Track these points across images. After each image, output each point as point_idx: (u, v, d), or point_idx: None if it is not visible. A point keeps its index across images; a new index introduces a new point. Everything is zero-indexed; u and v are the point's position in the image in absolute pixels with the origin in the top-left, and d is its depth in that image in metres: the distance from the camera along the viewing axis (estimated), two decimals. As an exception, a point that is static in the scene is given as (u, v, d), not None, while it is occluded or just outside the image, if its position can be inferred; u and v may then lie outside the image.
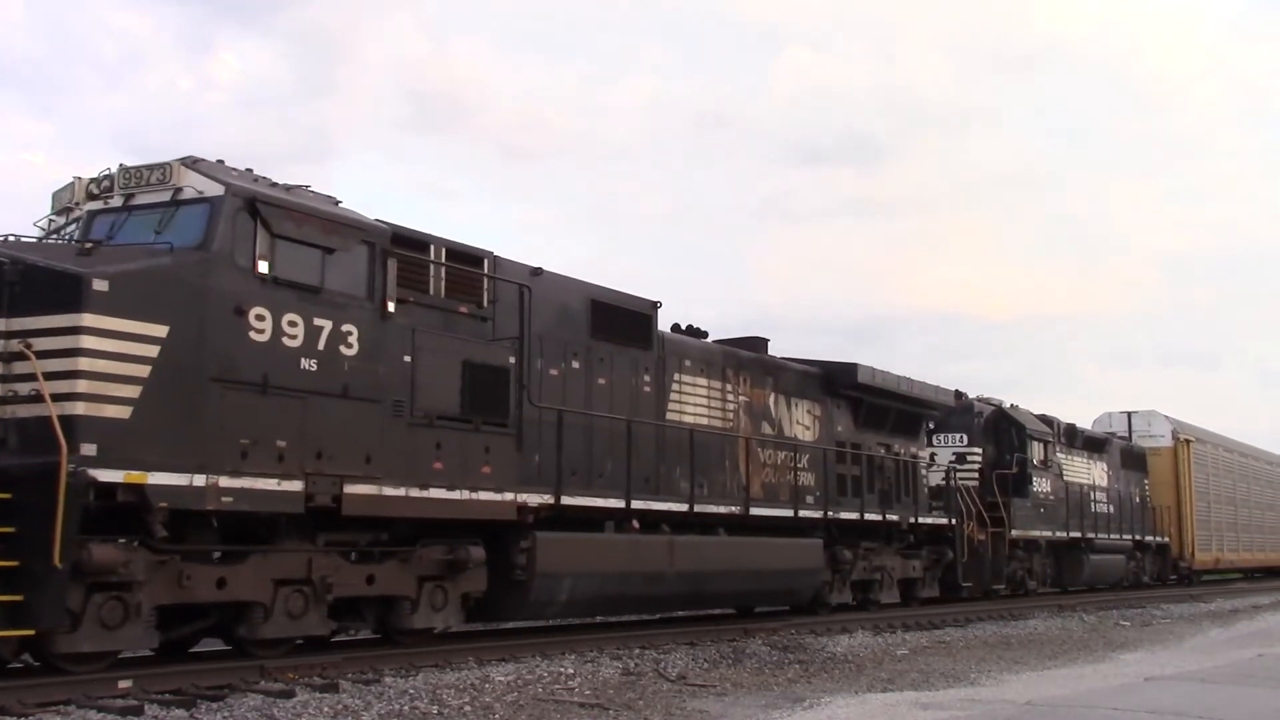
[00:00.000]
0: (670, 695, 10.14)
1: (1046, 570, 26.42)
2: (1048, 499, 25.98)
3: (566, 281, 14.33)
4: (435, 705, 9.07)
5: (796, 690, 10.72)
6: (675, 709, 9.42)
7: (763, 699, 10.05)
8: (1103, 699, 9.92)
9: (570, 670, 11.15)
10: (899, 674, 12.11)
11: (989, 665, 13.19)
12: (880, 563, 19.59)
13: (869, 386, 19.69)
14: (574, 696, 9.79)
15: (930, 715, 9.03)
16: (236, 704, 8.68)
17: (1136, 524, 31.32)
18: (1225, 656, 14.20)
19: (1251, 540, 40.57)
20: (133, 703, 8.45)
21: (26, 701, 8.17)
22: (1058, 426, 27.64)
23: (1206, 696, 10.14)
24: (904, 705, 9.56)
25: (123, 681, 8.99)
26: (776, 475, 17.39)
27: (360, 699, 9.10)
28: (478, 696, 9.54)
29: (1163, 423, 35.18)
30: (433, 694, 9.46)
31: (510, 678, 10.49)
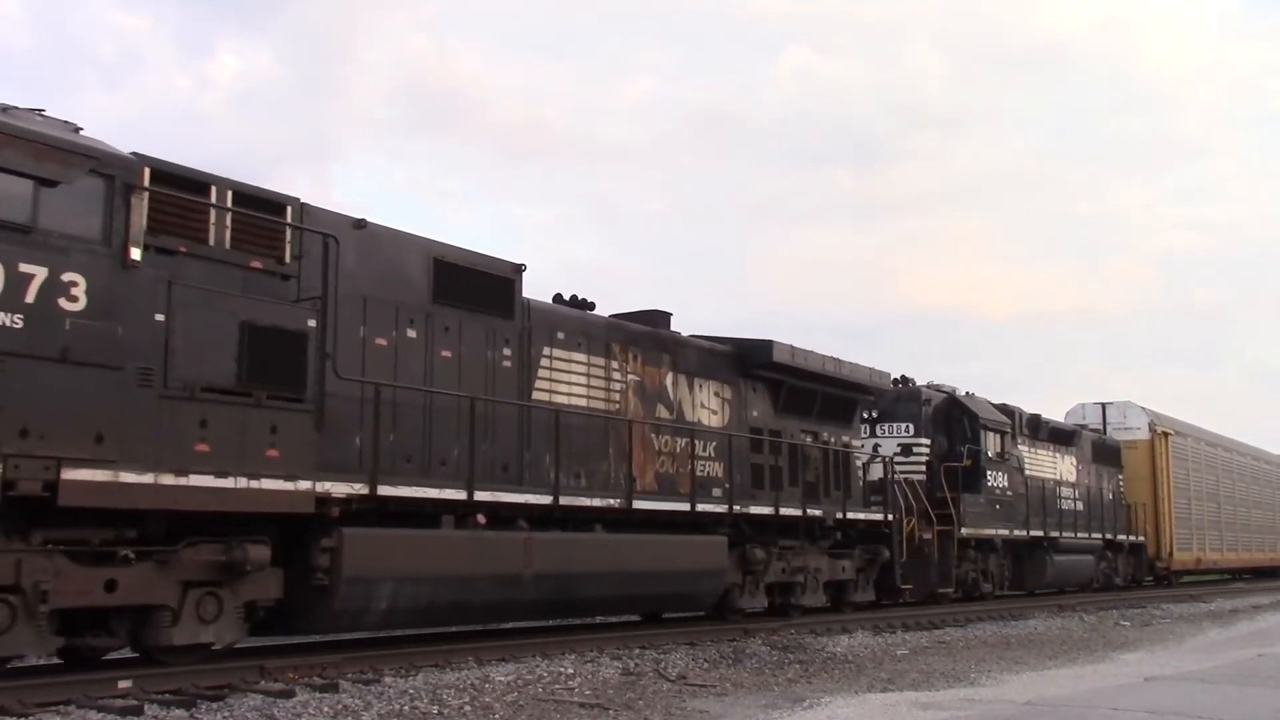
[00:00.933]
0: (670, 695, 10.14)
1: (1004, 572, 24.37)
2: (1005, 494, 23.99)
3: (402, 237, 12.43)
4: (435, 705, 9.08)
5: (796, 690, 10.72)
6: (675, 709, 9.42)
7: (763, 699, 10.05)
8: (1103, 699, 9.92)
9: (570, 670, 11.15)
10: (899, 674, 12.11)
11: (989, 665, 13.18)
12: (802, 563, 17.48)
13: (788, 367, 17.73)
14: (574, 696, 9.79)
15: (930, 715, 9.03)
16: (236, 704, 8.69)
17: (1108, 522, 29.47)
18: (1225, 656, 14.20)
19: (1237, 539, 38.75)
20: (133, 703, 8.45)
21: (26, 701, 8.17)
22: (1019, 417, 25.70)
23: (1207, 696, 10.14)
24: (904, 705, 9.56)
25: (123, 681, 8.99)
26: (675, 465, 15.59)
27: (360, 699, 9.11)
28: (478, 696, 9.54)
29: (1139, 414, 33.09)
30: (433, 694, 9.47)
31: (510, 678, 10.50)
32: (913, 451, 22.53)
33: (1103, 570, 29.00)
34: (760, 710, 9.39)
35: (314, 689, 9.42)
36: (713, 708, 9.53)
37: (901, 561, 19.64)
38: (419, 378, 12.26)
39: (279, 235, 10.90)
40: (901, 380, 23.31)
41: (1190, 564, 34.40)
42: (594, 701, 9.54)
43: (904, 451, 22.33)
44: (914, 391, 23.29)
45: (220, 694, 8.92)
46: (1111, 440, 31.79)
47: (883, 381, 20.78)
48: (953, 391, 24.03)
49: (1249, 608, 25.76)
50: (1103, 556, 28.97)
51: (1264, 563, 41.60)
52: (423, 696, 9.34)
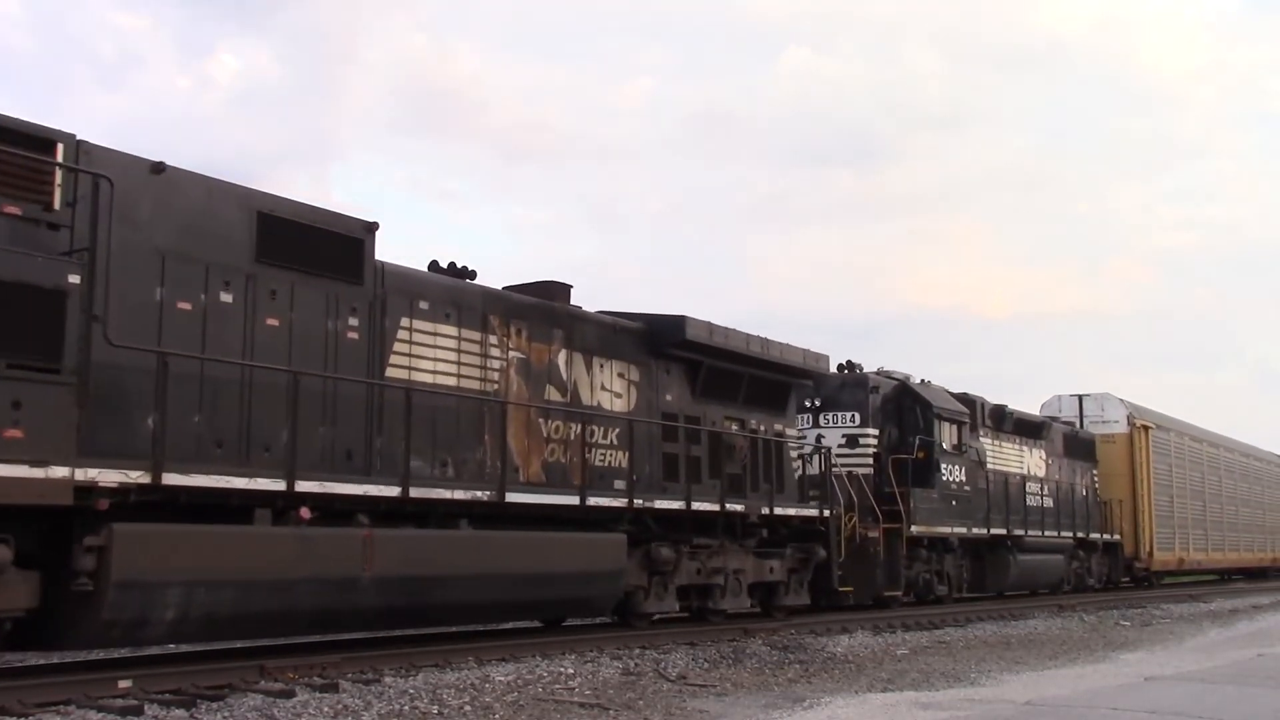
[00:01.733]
0: (670, 695, 10.14)
1: (963, 573, 22.77)
2: (962, 490, 22.24)
3: (216, 185, 10.61)
4: (435, 705, 9.08)
5: (796, 690, 10.72)
6: (675, 709, 9.42)
7: (763, 699, 10.05)
8: (1103, 699, 9.92)
9: (570, 670, 11.16)
10: (899, 674, 12.12)
11: (989, 665, 13.19)
12: (721, 564, 15.84)
13: (706, 346, 16.06)
14: (574, 696, 9.79)
15: (930, 715, 9.03)
16: (236, 704, 8.69)
17: (1080, 519, 27.73)
18: (1225, 656, 14.20)
19: (1224, 539, 37.02)
20: (133, 702, 8.45)
21: (26, 701, 8.17)
22: (981, 407, 24.12)
23: (1207, 696, 10.14)
24: (904, 705, 9.56)
25: (123, 681, 8.99)
26: (567, 454, 13.91)
27: (360, 699, 9.11)
28: (478, 696, 9.54)
29: (1117, 406, 31.36)
30: (433, 694, 9.47)
31: (510, 678, 10.50)
32: (859, 443, 20.77)
33: (1075, 571, 27.53)
34: (760, 710, 9.39)
35: (314, 689, 9.42)
36: (713, 708, 9.53)
37: (840, 561, 18.05)
38: (236, 349, 10.47)
39: (45, 177, 9.17)
40: (847, 366, 21.64)
41: (1172, 564, 32.92)
42: (594, 701, 9.54)
43: (849, 443, 20.68)
44: (860, 378, 21.48)
45: (220, 694, 8.92)
46: (1086, 433, 30.25)
47: (819, 365, 18.88)
48: (905, 379, 22.29)
49: (1249, 608, 25.76)
50: (1074, 556, 27.43)
51: (1254, 563, 40.19)
52: (423, 696, 9.34)
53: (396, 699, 9.19)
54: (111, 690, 8.78)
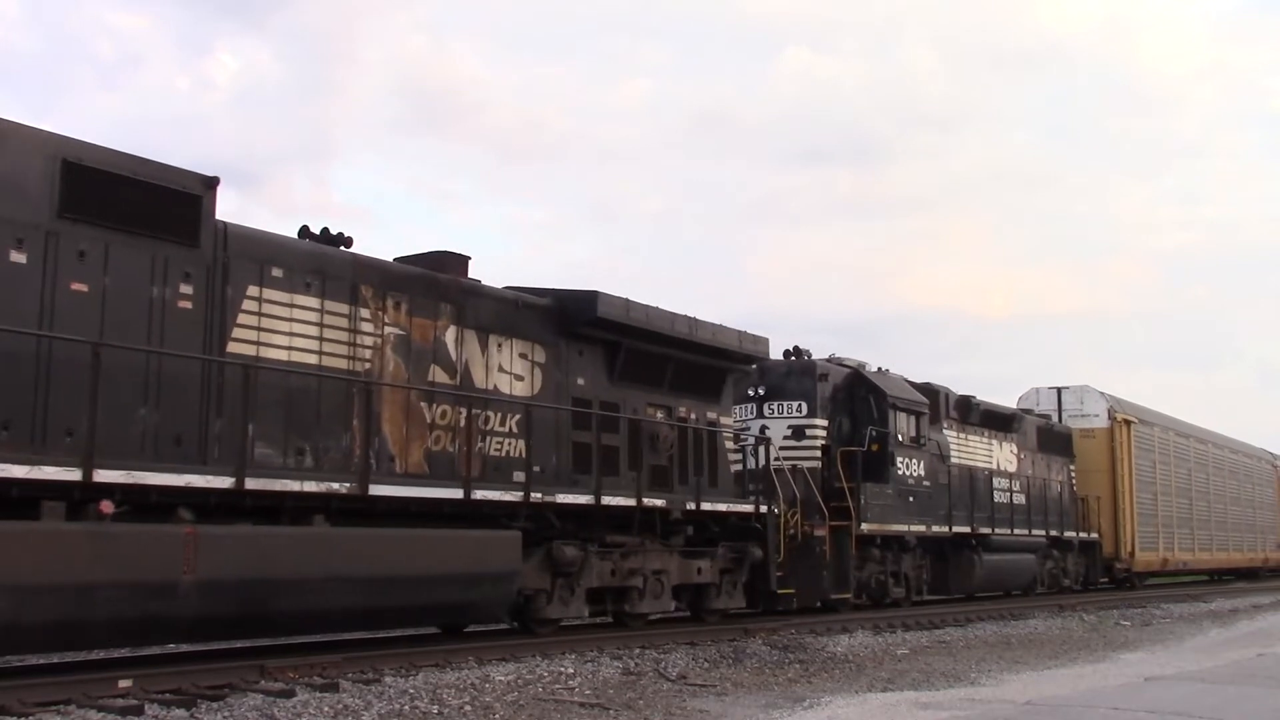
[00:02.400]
0: (670, 695, 10.15)
1: (923, 574, 21.31)
2: (920, 485, 20.81)
3: (6, 128, 9.28)
4: (435, 705, 9.08)
5: (796, 690, 10.73)
6: (675, 709, 9.42)
7: (763, 699, 10.06)
8: (1103, 699, 9.92)
9: (570, 670, 11.16)
10: (899, 674, 12.12)
11: (989, 665, 13.19)
12: (640, 564, 14.52)
13: (624, 325, 14.67)
14: (574, 696, 9.79)
15: (930, 715, 9.03)
16: (236, 704, 8.70)
17: (1055, 517, 26.39)
18: (1226, 656, 14.20)
19: (1212, 538, 35.41)
20: (133, 702, 8.45)
21: (26, 701, 8.18)
22: (945, 398, 22.78)
23: (1207, 696, 10.14)
24: (904, 705, 9.57)
25: (123, 681, 8.99)
26: (457, 442, 12.51)
27: (360, 699, 9.11)
28: (478, 696, 9.54)
29: (1097, 399, 29.87)
30: (433, 694, 9.47)
31: (510, 677, 10.50)
32: (805, 434, 19.28)
33: (1049, 571, 26.18)
34: (760, 710, 9.40)
35: (314, 689, 9.42)
36: (713, 707, 9.53)
37: (780, 562, 16.70)
38: (31, 318, 9.19)
39: None
40: (794, 352, 20.14)
41: (1155, 565, 31.47)
42: (594, 701, 9.54)
43: (795, 435, 19.22)
44: (807, 365, 19.96)
45: (220, 694, 8.92)
46: (1062, 427, 28.82)
47: (758, 348, 17.32)
48: (859, 366, 20.89)
49: (1249, 607, 25.76)
50: (1048, 556, 26.08)
51: (1244, 564, 38.61)
52: (423, 696, 9.34)
53: (396, 699, 9.19)
54: (111, 690, 8.79)
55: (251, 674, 9.78)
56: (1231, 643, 16.68)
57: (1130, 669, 12.84)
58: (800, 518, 17.96)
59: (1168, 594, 29.02)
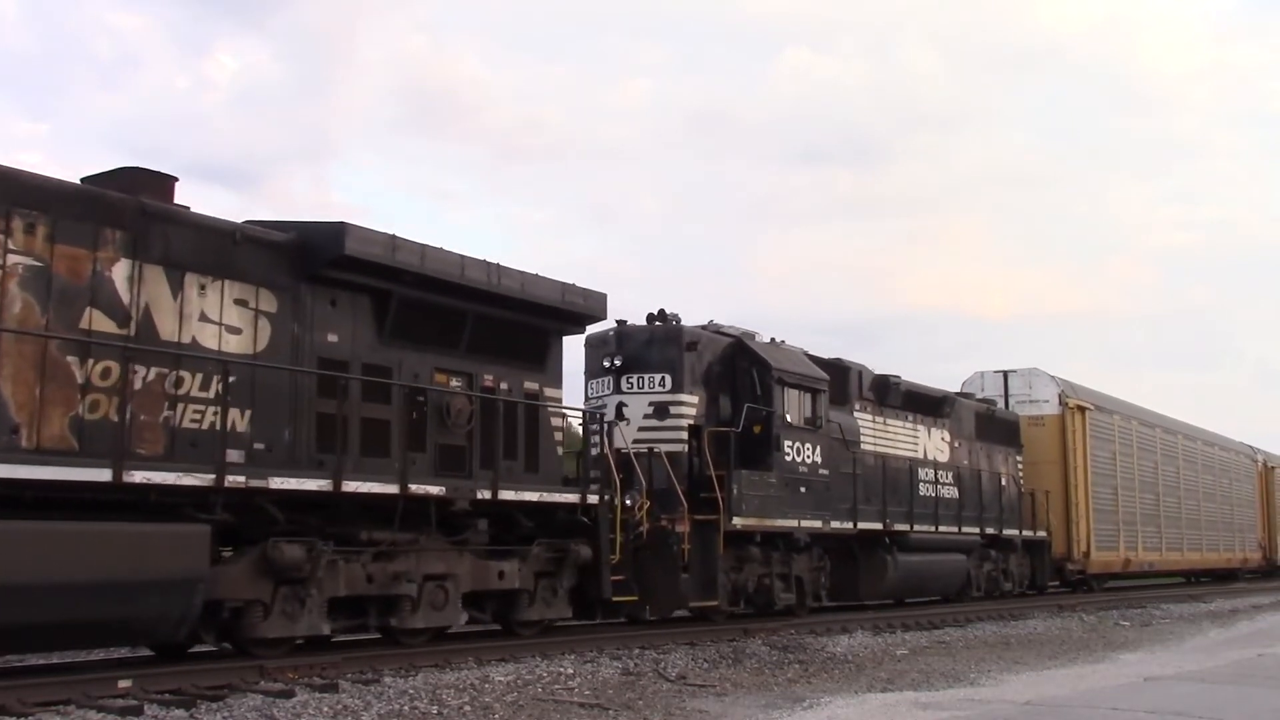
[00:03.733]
0: (670, 695, 10.16)
1: (821, 577, 18.34)
2: (816, 474, 17.86)
3: None
4: (435, 705, 9.10)
5: (796, 690, 10.73)
6: (675, 709, 9.43)
7: (762, 699, 10.07)
8: (1103, 699, 9.92)
9: (570, 670, 11.17)
10: (899, 674, 12.13)
11: (989, 665, 13.20)
12: (409, 567, 11.80)
13: (391, 269, 11.95)
14: (574, 696, 9.80)
15: (930, 715, 9.04)
16: (236, 704, 8.72)
17: (994, 513, 23.43)
18: (1225, 656, 14.21)
19: (1183, 537, 32.57)
20: (133, 702, 8.48)
21: (26, 701, 8.20)
22: (858, 376, 20.13)
23: (1207, 696, 10.15)
24: (904, 705, 9.58)
25: (123, 681, 9.02)
26: (124, 409, 9.70)
27: (360, 699, 9.12)
28: (478, 696, 9.55)
29: (1047, 384, 27.13)
30: (433, 694, 9.49)
31: (510, 678, 10.51)
32: (669, 412, 16.20)
33: (986, 573, 23.35)
34: (760, 710, 9.40)
35: (314, 689, 9.44)
36: (712, 708, 9.54)
37: (614, 562, 13.89)
38: None
39: None
40: (659, 316, 16.89)
41: (1115, 566, 28.70)
42: (594, 701, 9.55)
43: (658, 412, 16.18)
44: (673, 331, 16.69)
45: (220, 694, 8.94)
46: (1007, 414, 25.98)
47: (590, 305, 14.48)
48: (742, 335, 17.74)
49: (1249, 608, 25.77)
50: (985, 557, 23.25)
51: (1220, 564, 35.79)
52: (423, 696, 9.36)
53: (396, 699, 9.21)
54: (111, 690, 8.81)
55: (251, 674, 9.80)
56: (1231, 643, 16.69)
57: (1130, 669, 12.85)
58: (646, 511, 14.73)
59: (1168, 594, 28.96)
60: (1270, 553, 40.21)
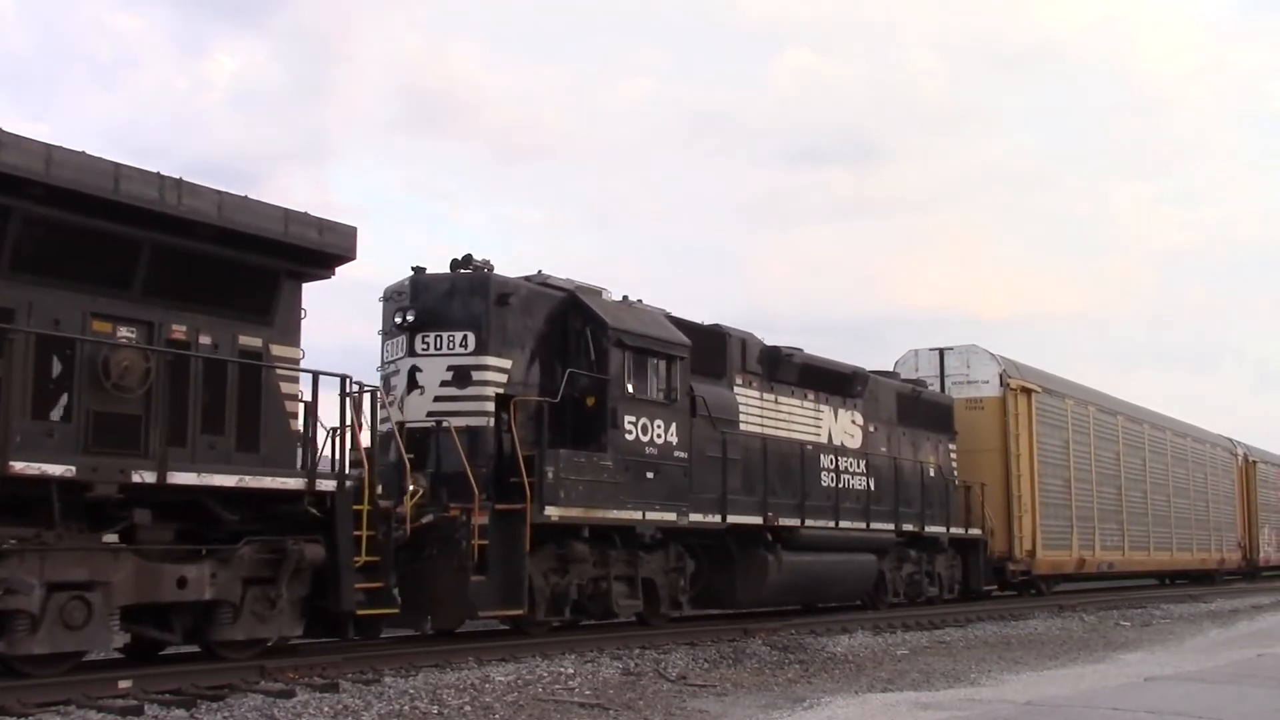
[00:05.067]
0: (670, 695, 10.16)
1: (680, 581, 15.29)
2: (669, 457, 14.70)
3: None
4: (435, 705, 9.10)
5: (796, 690, 10.74)
6: (675, 709, 9.43)
7: (763, 699, 10.07)
8: (1103, 699, 9.92)
9: (570, 670, 11.17)
10: (899, 674, 12.13)
11: (989, 665, 13.21)
12: (8, 573, 8.78)
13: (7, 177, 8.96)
14: (574, 696, 9.80)
15: (930, 715, 9.04)
16: (236, 704, 8.72)
17: (916, 508, 20.51)
18: (1226, 656, 14.20)
19: (1148, 535, 29.88)
20: (133, 703, 8.48)
21: (26, 701, 8.20)
22: (741, 346, 17.13)
23: (1207, 696, 10.14)
24: (904, 705, 9.58)
25: (123, 681, 9.02)
26: None
27: (360, 699, 9.13)
28: (478, 696, 9.55)
29: (986, 363, 24.05)
30: (433, 694, 9.49)
31: (510, 678, 10.51)
32: (472, 378, 13.31)
33: (907, 576, 20.57)
34: (760, 710, 9.41)
35: (314, 689, 9.44)
36: (713, 708, 9.54)
37: (355, 567, 10.87)
38: None
39: None
40: (463, 262, 13.77)
41: (1068, 566, 25.97)
42: (594, 701, 9.55)
43: (458, 379, 13.32)
44: (480, 280, 13.61)
45: (220, 694, 8.94)
46: (935, 395, 22.92)
47: (329, 240, 11.21)
48: (578, 289, 14.71)
49: (1249, 608, 25.75)
50: (904, 557, 20.45)
51: (1194, 565, 33.22)
52: (423, 696, 9.36)
53: (396, 699, 9.21)
54: (111, 690, 8.81)
55: (251, 674, 9.80)
56: (1231, 643, 16.69)
57: (1130, 669, 12.85)
58: (416, 501, 12.15)
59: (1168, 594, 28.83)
60: (1251, 553, 37.89)
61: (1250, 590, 33.15)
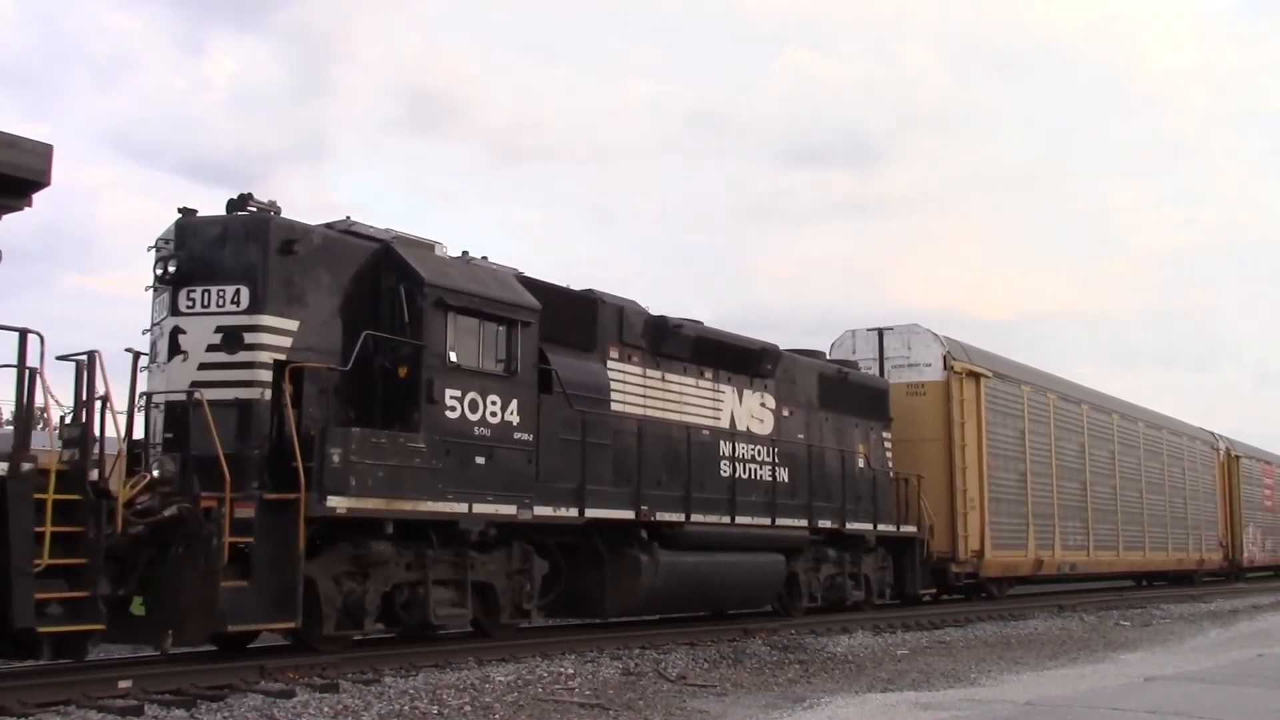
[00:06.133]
0: (670, 695, 10.16)
1: (527, 587, 12.93)
2: (508, 439, 12.39)
3: None
4: (435, 705, 9.10)
5: (796, 690, 10.74)
6: (675, 709, 9.44)
7: (763, 699, 10.07)
8: (1103, 699, 9.93)
9: (570, 670, 11.17)
10: (899, 674, 12.14)
11: (989, 665, 13.21)
12: None
13: None
14: (574, 697, 9.80)
15: (930, 715, 9.04)
16: (236, 704, 8.72)
17: (834, 502, 18.15)
18: (1226, 656, 14.21)
19: (1117, 534, 27.80)
20: (133, 703, 8.48)
21: (26, 702, 8.20)
22: (615, 314, 14.69)
23: (1207, 697, 10.14)
24: (904, 705, 9.58)
25: (123, 681, 9.03)
26: None
27: (360, 699, 9.13)
28: (478, 696, 9.56)
29: (929, 344, 21.85)
30: (433, 694, 9.49)
31: (510, 678, 10.51)
32: (244, 341, 11.05)
33: (826, 578, 18.09)
34: (760, 710, 9.41)
35: (314, 689, 9.44)
36: (713, 708, 9.55)
37: (41, 569, 8.68)
38: None
39: None
40: (239, 203, 11.52)
41: (1023, 568, 23.80)
42: (594, 702, 9.56)
43: (228, 342, 11.04)
44: (256, 224, 11.36)
45: (220, 694, 8.95)
46: (866, 378, 20.65)
47: (12, 160, 8.61)
48: (394, 240, 12.35)
49: (1249, 608, 25.76)
50: (822, 557, 18.02)
51: (1168, 566, 31.39)
52: (423, 696, 9.36)
53: (396, 699, 9.21)
54: (111, 690, 8.82)
55: (251, 674, 9.80)
56: (1231, 643, 16.70)
57: (1130, 669, 12.85)
58: (134, 491, 10.10)
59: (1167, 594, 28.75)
60: (1233, 553, 36.04)
61: (1250, 590, 33.04)
